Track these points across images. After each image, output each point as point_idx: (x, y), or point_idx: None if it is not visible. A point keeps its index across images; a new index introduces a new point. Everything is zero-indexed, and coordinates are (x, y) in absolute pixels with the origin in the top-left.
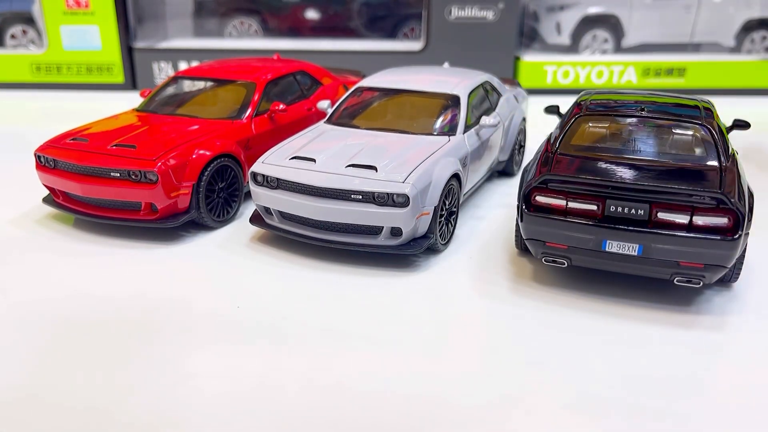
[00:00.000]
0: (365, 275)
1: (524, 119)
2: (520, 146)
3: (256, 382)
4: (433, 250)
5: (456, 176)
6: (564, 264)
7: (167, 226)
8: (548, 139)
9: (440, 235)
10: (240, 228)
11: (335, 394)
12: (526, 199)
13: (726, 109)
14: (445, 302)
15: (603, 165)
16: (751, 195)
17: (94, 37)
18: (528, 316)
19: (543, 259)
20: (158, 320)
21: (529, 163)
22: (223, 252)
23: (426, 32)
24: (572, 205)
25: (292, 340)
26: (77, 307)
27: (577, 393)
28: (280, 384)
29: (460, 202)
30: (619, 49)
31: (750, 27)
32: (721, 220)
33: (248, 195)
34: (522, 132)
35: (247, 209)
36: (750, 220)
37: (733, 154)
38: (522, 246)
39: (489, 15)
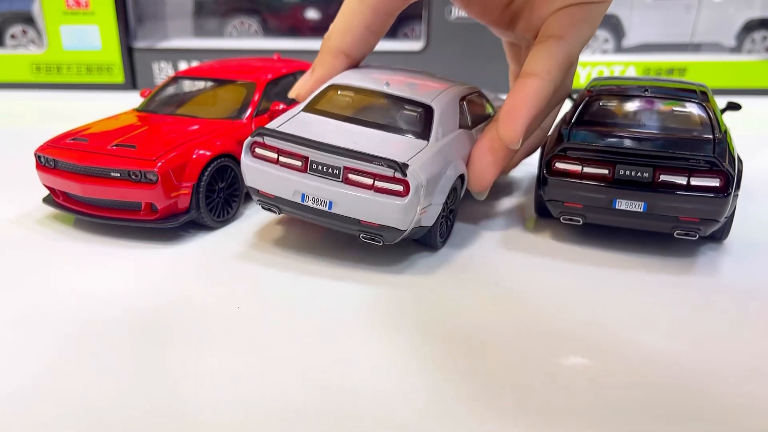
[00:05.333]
0: (365, 276)
1: None
2: None
3: (256, 383)
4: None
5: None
6: (579, 221)
7: (167, 226)
8: (563, 118)
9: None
10: (240, 228)
11: (336, 394)
12: (547, 166)
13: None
14: (444, 304)
15: (613, 136)
16: (740, 162)
17: (94, 37)
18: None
19: (561, 218)
20: (158, 320)
21: (548, 138)
22: (223, 252)
23: (426, 32)
24: (587, 170)
25: (292, 341)
26: (77, 307)
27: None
28: (281, 385)
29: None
30: (619, 49)
31: (751, 27)
32: (714, 181)
33: (248, 195)
34: None
35: (248, 209)
36: (739, 183)
37: (726, 130)
38: (540, 210)
39: None
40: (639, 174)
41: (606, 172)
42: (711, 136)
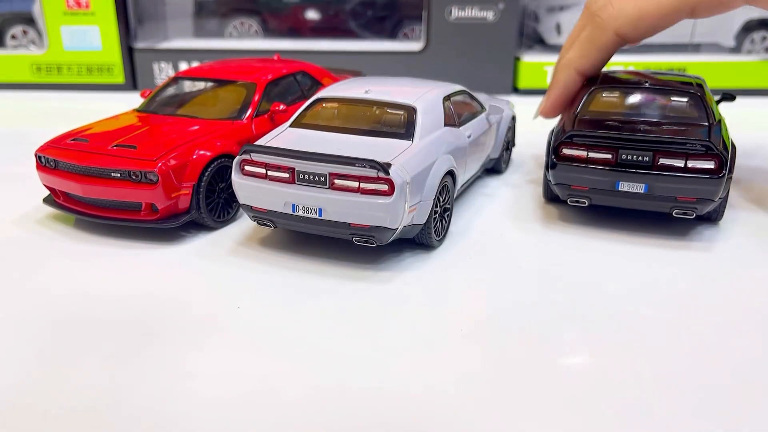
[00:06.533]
0: (365, 275)
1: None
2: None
3: (256, 383)
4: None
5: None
6: (585, 203)
7: (168, 226)
8: (569, 109)
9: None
10: (241, 228)
11: (333, 395)
12: (555, 152)
13: (726, 109)
14: (443, 300)
15: (616, 123)
16: (734, 147)
17: (94, 37)
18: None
19: (568, 200)
20: (158, 320)
21: (554, 127)
22: (224, 252)
23: (426, 33)
24: (592, 155)
25: (292, 340)
26: (77, 307)
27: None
28: (280, 384)
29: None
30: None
31: (750, 27)
32: (709, 163)
33: None
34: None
35: None
36: (732, 166)
37: (721, 119)
38: (548, 196)
39: (489, 15)
40: (640, 158)
41: (609, 156)
42: (706, 123)
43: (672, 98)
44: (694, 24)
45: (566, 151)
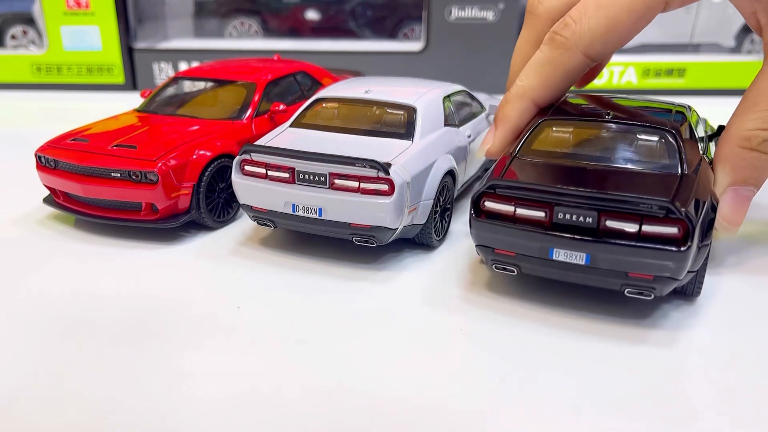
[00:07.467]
0: (366, 275)
1: None
2: None
3: (255, 383)
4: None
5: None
6: (514, 272)
7: (167, 226)
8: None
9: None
10: (241, 229)
11: (333, 395)
12: (475, 205)
13: (725, 110)
14: (443, 299)
15: (555, 171)
16: (716, 200)
17: (94, 37)
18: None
19: (494, 266)
20: (158, 320)
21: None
22: (224, 252)
23: (426, 33)
24: (520, 211)
25: (291, 341)
26: (77, 307)
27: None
28: (279, 385)
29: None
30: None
31: (750, 27)
32: (671, 230)
33: None
34: None
35: None
36: (708, 232)
37: (702, 159)
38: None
39: (489, 15)
40: (581, 219)
41: (542, 215)
42: (678, 172)
43: (638, 137)
44: (694, 24)
45: (489, 205)
